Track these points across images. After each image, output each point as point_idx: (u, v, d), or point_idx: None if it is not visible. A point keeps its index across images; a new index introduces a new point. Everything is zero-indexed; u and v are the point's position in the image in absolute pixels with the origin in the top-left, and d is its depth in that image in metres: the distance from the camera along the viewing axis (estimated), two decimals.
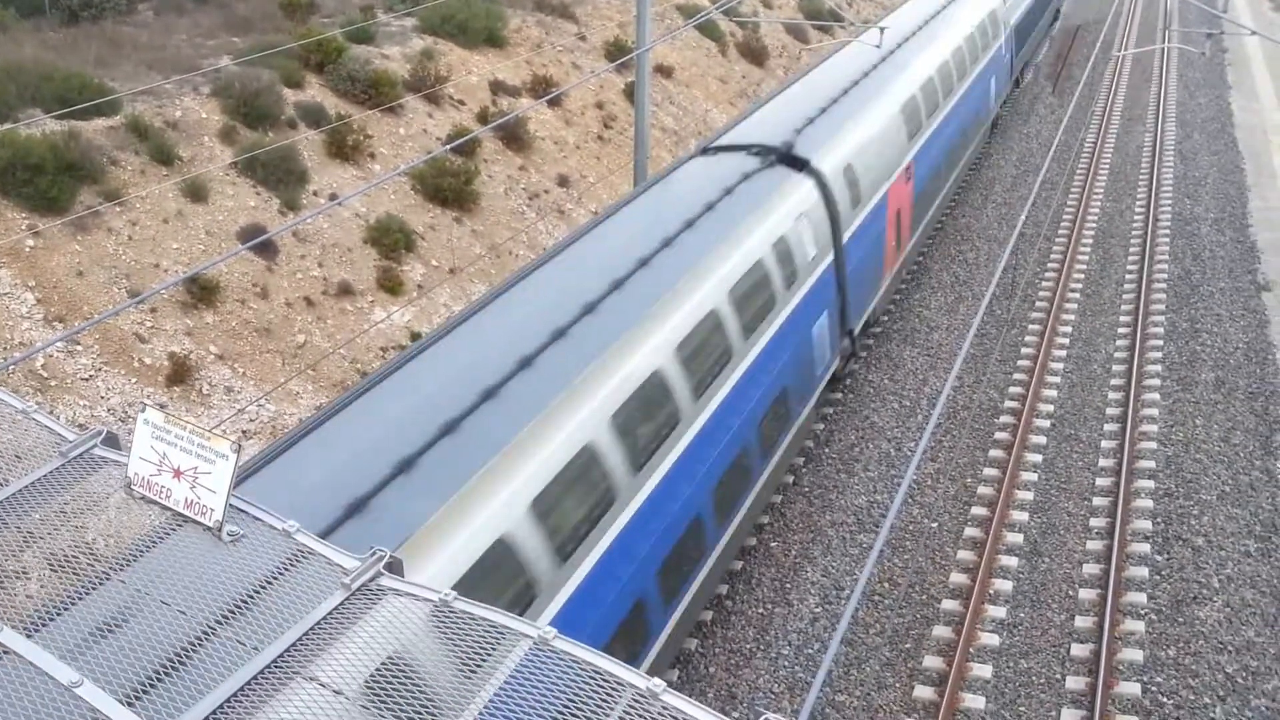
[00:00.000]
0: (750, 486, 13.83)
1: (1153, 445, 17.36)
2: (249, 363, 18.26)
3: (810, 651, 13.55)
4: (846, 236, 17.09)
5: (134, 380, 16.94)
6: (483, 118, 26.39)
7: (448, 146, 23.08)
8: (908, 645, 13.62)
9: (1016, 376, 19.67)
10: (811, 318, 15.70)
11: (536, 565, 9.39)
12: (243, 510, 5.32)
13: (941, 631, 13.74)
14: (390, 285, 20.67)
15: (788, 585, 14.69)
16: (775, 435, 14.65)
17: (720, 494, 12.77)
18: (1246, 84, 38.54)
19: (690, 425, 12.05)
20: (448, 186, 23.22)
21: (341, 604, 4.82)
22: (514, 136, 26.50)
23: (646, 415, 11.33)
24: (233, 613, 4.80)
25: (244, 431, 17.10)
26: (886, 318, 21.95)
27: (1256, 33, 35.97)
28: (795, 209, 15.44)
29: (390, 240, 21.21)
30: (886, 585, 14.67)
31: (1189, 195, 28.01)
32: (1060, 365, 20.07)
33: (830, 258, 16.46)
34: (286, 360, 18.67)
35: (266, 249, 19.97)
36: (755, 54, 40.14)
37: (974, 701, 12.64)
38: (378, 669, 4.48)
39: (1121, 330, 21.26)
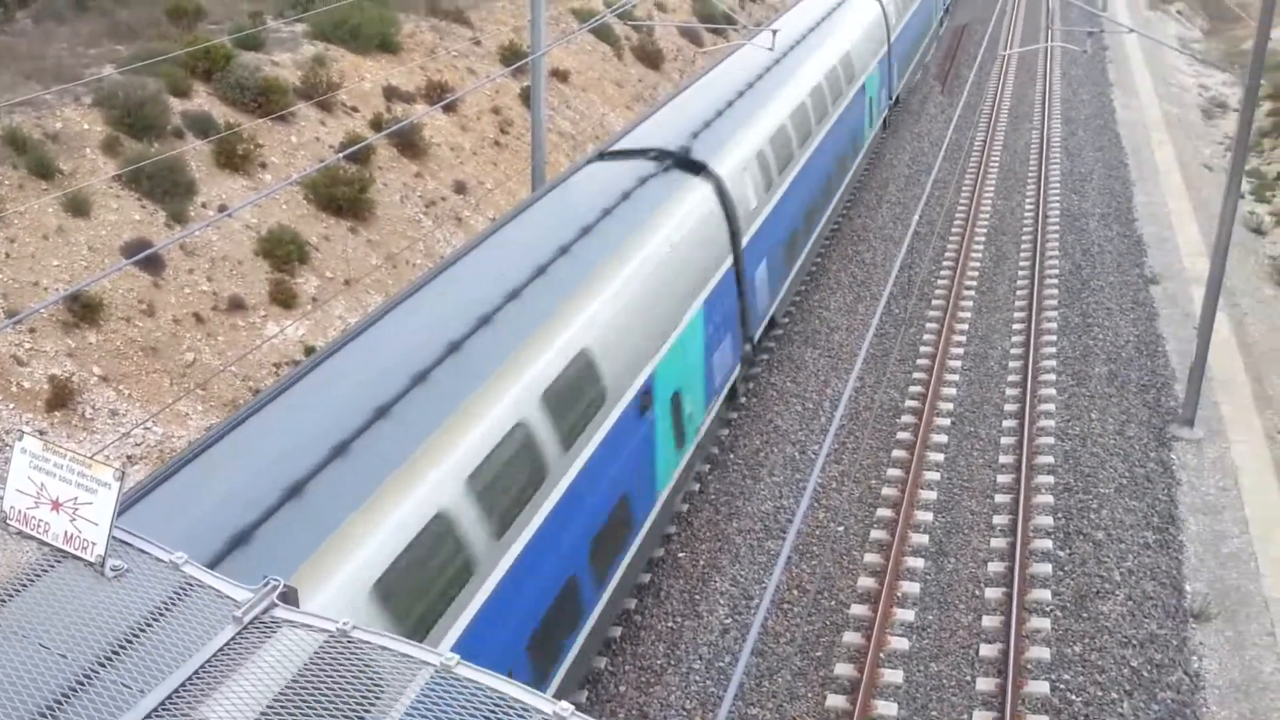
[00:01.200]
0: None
1: (1050, 440, 17.44)
2: (135, 384, 17.34)
3: (721, 665, 13.22)
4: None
5: (11, 406, 15.94)
6: (377, 124, 25.62)
7: (341, 154, 22.30)
8: (819, 653, 13.38)
9: (916, 375, 19.65)
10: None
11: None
12: (127, 542, 5.05)
13: (852, 638, 13.54)
14: (283, 298, 19.85)
15: (697, 597, 14.35)
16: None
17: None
18: (1127, 81, 39.44)
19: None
20: (342, 195, 22.44)
21: (233, 639, 4.60)
22: (409, 143, 25.78)
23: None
24: (117, 653, 4.53)
25: (129, 456, 16.20)
26: (787, 319, 21.79)
27: (1134, 30, 36.87)
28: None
29: (283, 252, 20.38)
30: (795, 593, 14.42)
31: (1076, 191, 28.45)
32: (959, 363, 20.11)
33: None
34: (175, 380, 17.78)
35: (153, 264, 19.01)
36: (651, 57, 39.87)
37: (886, 708, 12.44)
38: (271, 706, 4.24)
39: (1016, 326, 21.41)
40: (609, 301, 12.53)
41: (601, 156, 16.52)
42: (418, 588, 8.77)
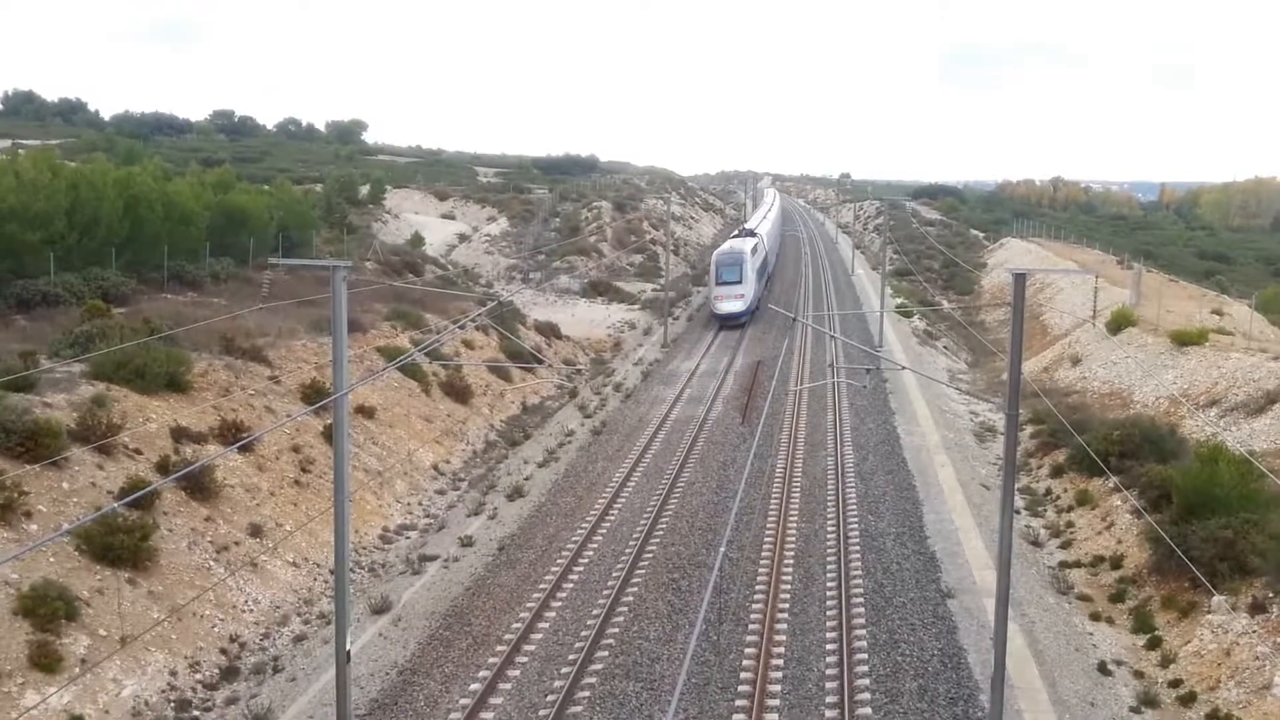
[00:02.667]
0: None
1: None
2: None
3: None
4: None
5: None
6: (163, 466, 24.73)
7: (121, 502, 21.26)
8: None
9: (739, 703, 19.32)
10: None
11: None
12: None
13: None
14: (46, 662, 18.13)
15: None
16: None
17: None
18: (907, 410, 42.49)
19: None
20: (120, 544, 21.14)
21: None
22: (199, 486, 24.92)
23: None
24: None
25: None
26: (606, 653, 21.35)
27: (906, 367, 40.30)
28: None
29: (47, 610, 18.80)
30: None
31: (872, 512, 29.75)
32: (778, 688, 19.93)
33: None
34: None
35: None
36: (459, 392, 40.68)
37: None
38: None
39: (830, 646, 21.56)
40: None
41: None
42: None
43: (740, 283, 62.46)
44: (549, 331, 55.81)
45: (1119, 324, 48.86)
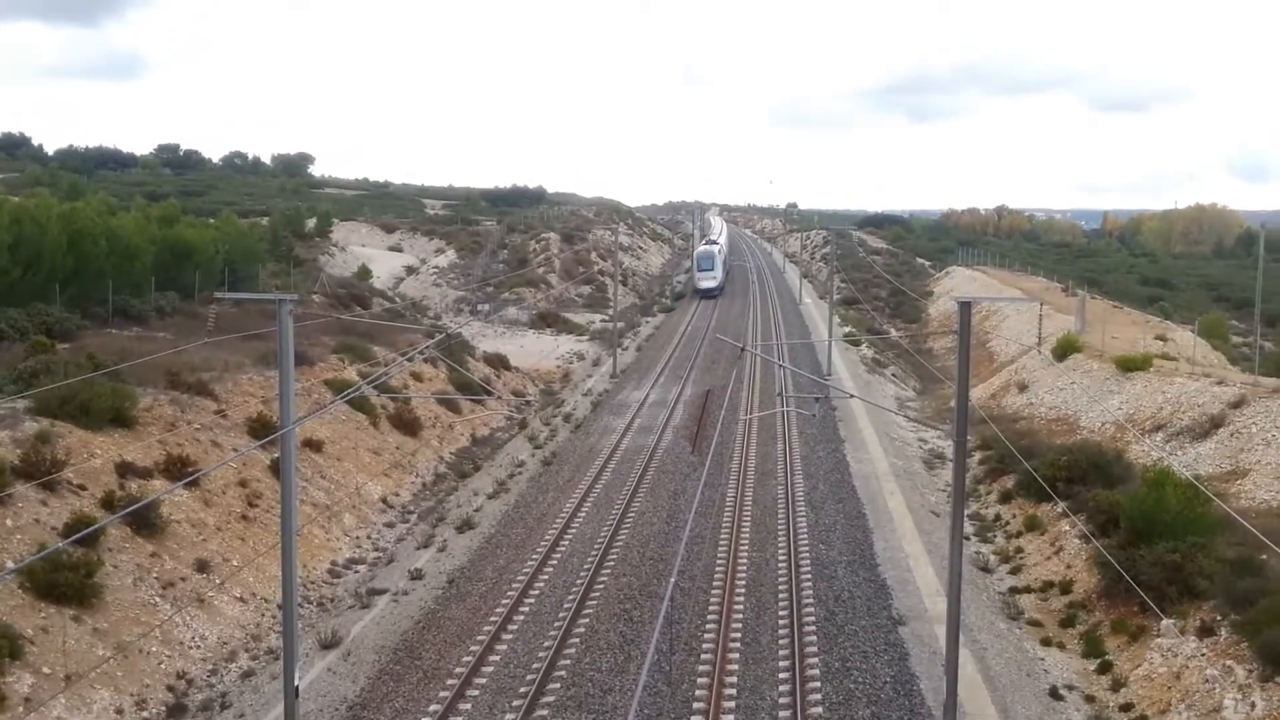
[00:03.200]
0: None
1: None
2: None
3: None
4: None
5: None
6: (108, 502, 24.42)
7: (67, 540, 20.97)
8: None
9: None
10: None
11: None
12: None
13: None
14: None
15: None
16: None
17: None
18: (856, 438, 42.95)
19: None
20: (65, 582, 20.84)
21: None
22: (145, 522, 24.62)
23: None
24: None
25: None
26: (558, 685, 21.34)
27: (855, 395, 40.72)
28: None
29: None
30: None
31: (823, 541, 30.02)
32: (731, 717, 20.05)
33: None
34: None
35: None
36: (408, 425, 40.50)
37: None
38: None
39: (782, 675, 21.70)
40: None
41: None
42: None
43: (714, 270, 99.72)
44: (498, 363, 55.78)
45: (1065, 350, 49.48)
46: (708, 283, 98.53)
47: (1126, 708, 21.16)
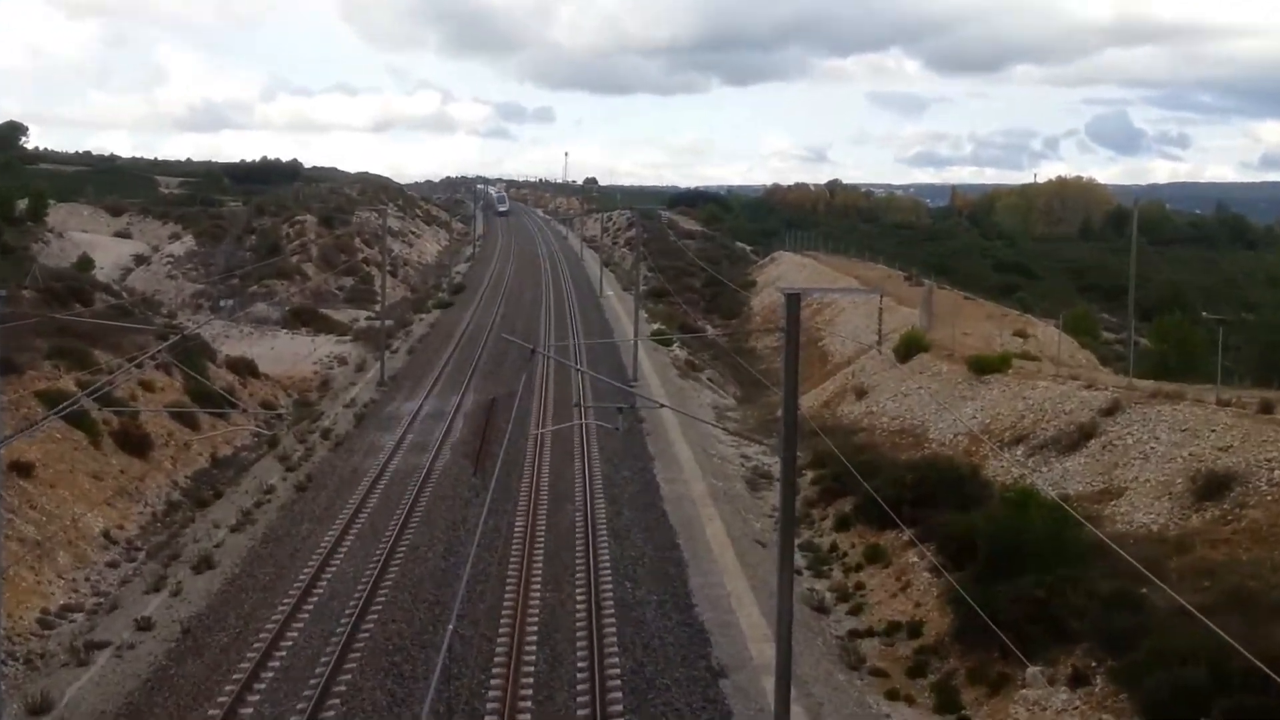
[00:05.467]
0: None
1: None
2: None
3: None
4: None
5: None
6: None
7: None
8: None
9: None
10: None
11: None
12: None
13: None
14: None
15: None
16: None
17: None
18: (668, 454, 43.31)
19: None
20: None
21: None
22: None
23: None
24: None
25: None
26: None
27: (665, 405, 41.03)
28: None
29: None
30: None
31: (629, 577, 30.03)
32: None
33: None
34: None
35: None
36: (136, 444, 40.14)
37: None
38: None
39: None
40: None
41: None
42: None
43: (506, 204, 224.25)
44: (244, 369, 56.25)
45: (909, 349, 50.55)
46: (502, 208, 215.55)
47: None
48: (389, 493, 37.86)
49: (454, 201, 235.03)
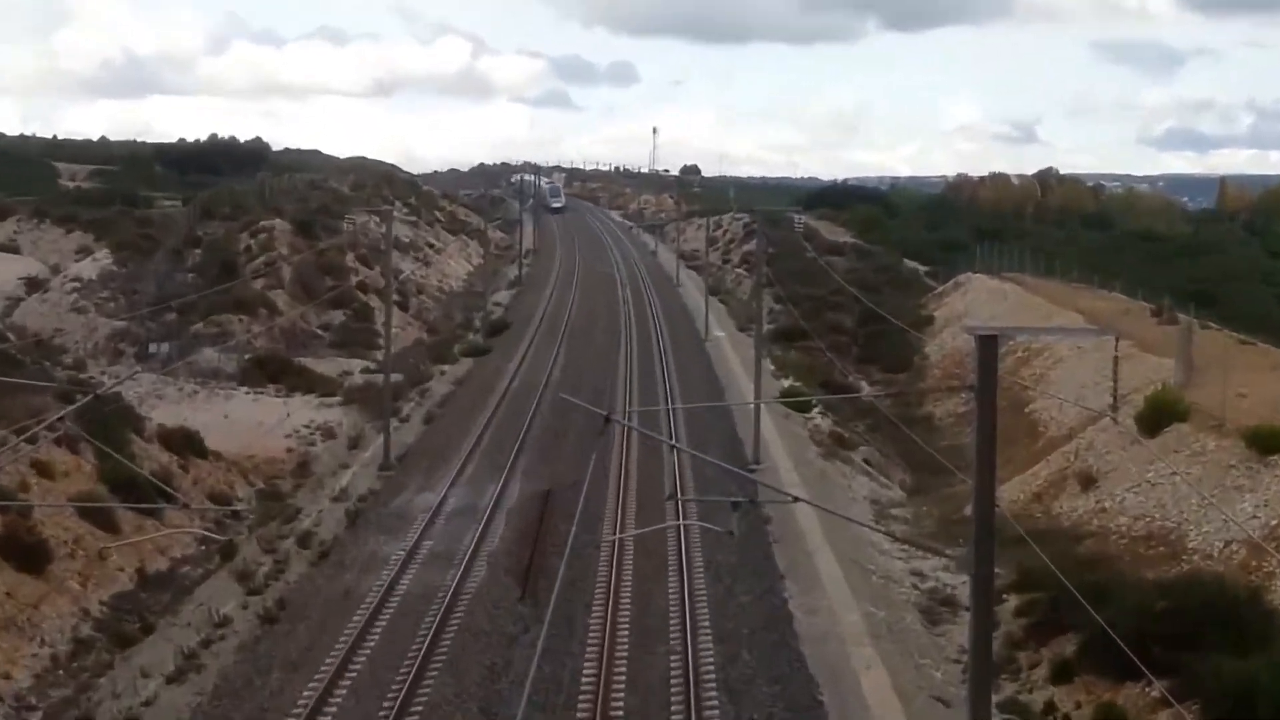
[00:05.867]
0: None
1: None
2: None
3: None
4: None
5: None
6: None
7: None
8: None
9: None
10: None
11: None
12: None
13: None
14: None
15: None
16: None
17: None
18: (805, 569, 43.13)
19: None
20: None
21: None
22: None
23: None
24: None
25: None
26: None
27: (801, 499, 40.83)
28: None
29: None
30: None
31: None
32: None
33: None
34: None
35: None
36: (28, 555, 40.22)
37: None
38: None
39: None
40: None
41: None
42: None
43: (560, 198, 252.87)
44: (184, 445, 55.50)
45: (1159, 417, 50.19)
46: (557, 203, 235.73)
47: None
48: (397, 627, 37.97)
49: (491, 200, 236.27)
